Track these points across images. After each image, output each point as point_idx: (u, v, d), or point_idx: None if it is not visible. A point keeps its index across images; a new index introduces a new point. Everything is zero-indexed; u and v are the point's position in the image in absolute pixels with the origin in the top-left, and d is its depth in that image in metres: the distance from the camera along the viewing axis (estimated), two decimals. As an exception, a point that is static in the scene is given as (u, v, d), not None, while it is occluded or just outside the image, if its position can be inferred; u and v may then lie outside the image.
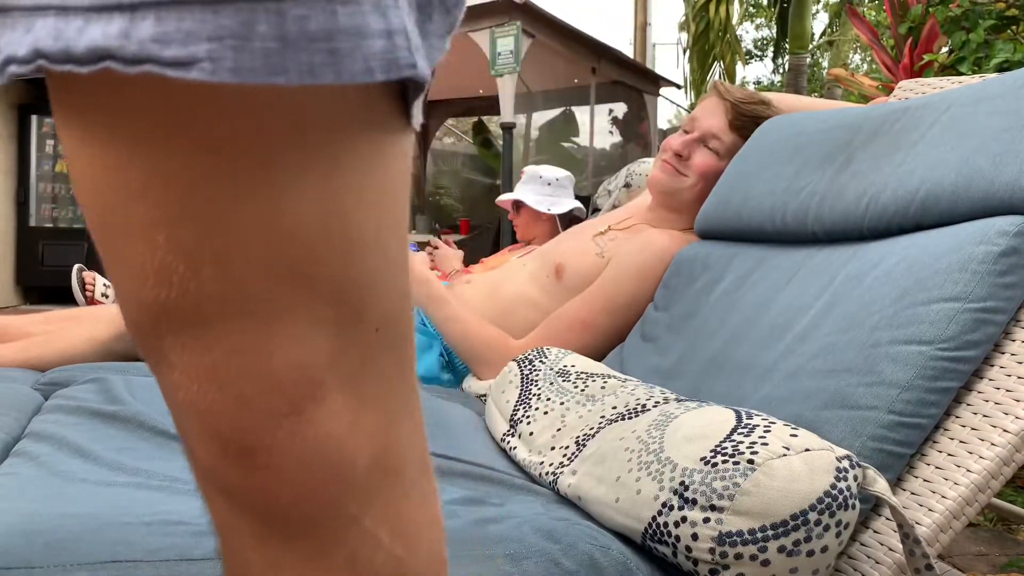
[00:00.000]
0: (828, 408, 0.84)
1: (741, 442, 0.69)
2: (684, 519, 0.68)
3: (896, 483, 0.82)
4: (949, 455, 0.80)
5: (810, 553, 0.65)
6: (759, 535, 0.64)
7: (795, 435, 0.69)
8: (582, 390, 0.97)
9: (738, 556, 0.65)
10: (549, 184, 2.57)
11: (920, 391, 0.80)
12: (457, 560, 0.64)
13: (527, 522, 0.73)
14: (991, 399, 0.81)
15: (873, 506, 0.80)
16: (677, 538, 0.68)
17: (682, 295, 1.30)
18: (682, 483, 0.69)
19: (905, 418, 0.80)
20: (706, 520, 0.66)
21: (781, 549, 0.64)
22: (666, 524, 0.69)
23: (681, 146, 1.48)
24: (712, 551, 0.66)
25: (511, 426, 1.01)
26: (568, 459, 0.86)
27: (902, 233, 0.99)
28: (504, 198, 2.74)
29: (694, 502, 0.68)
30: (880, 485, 0.69)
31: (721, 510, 0.66)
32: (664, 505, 0.69)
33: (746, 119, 1.44)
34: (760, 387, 0.94)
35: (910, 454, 0.81)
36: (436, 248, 2.20)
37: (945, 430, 0.82)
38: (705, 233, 1.40)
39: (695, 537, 0.67)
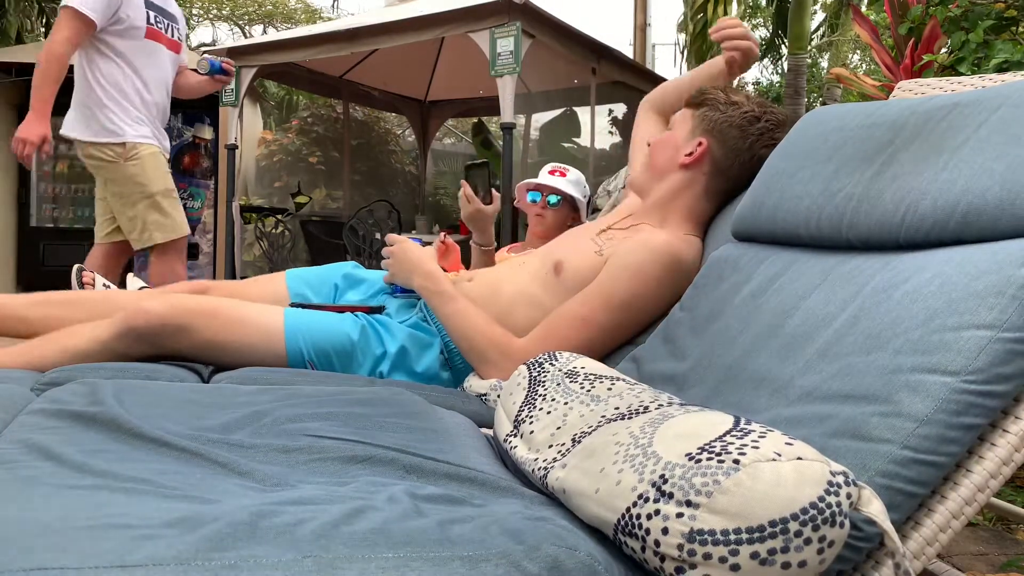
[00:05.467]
0: (838, 436, 0.79)
1: (731, 443, 0.67)
2: (657, 512, 0.65)
3: (903, 524, 0.75)
4: (949, 455, 0.79)
5: (785, 565, 0.61)
6: (732, 537, 0.61)
7: (790, 444, 0.66)
8: (588, 391, 0.95)
9: (707, 556, 0.62)
10: (585, 196, 2.63)
11: (940, 426, 0.74)
12: (412, 562, 0.61)
13: (496, 522, 0.69)
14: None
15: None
16: (647, 531, 0.65)
17: (708, 295, 1.26)
18: (662, 476, 0.67)
19: (920, 455, 0.74)
20: (679, 515, 0.64)
21: (754, 556, 0.61)
22: (638, 516, 0.66)
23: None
24: (680, 547, 0.63)
25: (514, 427, 0.99)
26: (562, 455, 0.84)
27: (941, 246, 0.91)
28: (532, 185, 2.67)
29: (671, 496, 0.65)
30: (875, 507, 0.65)
31: (696, 506, 0.63)
32: (640, 496, 0.67)
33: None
34: (773, 404, 0.91)
35: (924, 495, 0.75)
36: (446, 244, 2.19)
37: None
38: (740, 235, 1.33)
39: (665, 532, 0.64)
